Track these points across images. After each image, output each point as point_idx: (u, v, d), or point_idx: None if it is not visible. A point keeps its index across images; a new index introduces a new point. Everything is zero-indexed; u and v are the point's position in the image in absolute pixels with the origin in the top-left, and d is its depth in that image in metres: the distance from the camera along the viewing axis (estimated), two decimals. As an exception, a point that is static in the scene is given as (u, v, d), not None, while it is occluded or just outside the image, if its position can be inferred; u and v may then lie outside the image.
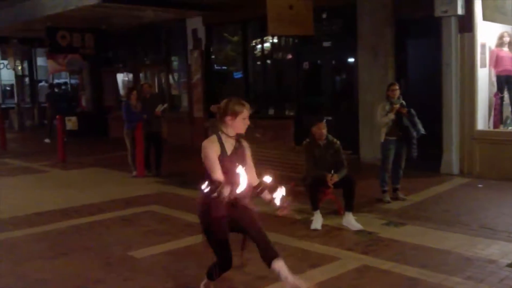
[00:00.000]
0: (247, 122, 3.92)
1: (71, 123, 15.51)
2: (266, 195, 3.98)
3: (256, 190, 3.96)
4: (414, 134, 7.51)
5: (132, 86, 14.41)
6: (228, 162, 3.85)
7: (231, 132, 3.93)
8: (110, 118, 17.86)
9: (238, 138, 3.97)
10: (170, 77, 16.35)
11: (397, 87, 7.70)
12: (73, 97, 20.28)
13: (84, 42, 15.59)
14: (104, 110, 18.46)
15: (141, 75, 17.54)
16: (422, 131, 7.55)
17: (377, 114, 7.70)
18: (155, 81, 16.77)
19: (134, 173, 10.36)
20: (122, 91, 18.17)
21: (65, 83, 21.19)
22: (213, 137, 3.94)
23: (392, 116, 7.48)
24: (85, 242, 6.29)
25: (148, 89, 10.80)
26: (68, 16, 13.61)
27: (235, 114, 3.87)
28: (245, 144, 4.05)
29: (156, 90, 16.21)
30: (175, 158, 12.23)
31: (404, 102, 7.62)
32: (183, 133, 14.93)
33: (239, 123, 3.91)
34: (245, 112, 3.91)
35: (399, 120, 7.51)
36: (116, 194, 8.83)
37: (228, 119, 3.88)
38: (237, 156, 3.94)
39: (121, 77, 18.61)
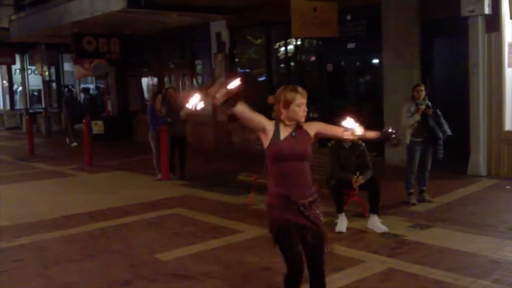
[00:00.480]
0: (304, 108, 3.70)
1: (97, 127, 15.76)
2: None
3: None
4: (440, 135, 7.41)
5: (157, 91, 14.57)
6: (280, 146, 3.65)
7: (288, 121, 3.72)
8: (135, 122, 18.06)
9: (296, 125, 3.74)
10: (194, 80, 16.45)
11: (422, 88, 7.62)
12: (96, 102, 20.55)
13: (110, 47, 15.81)
14: (130, 114, 18.66)
15: (165, 79, 17.69)
16: (449, 132, 7.45)
17: (402, 115, 7.63)
18: (179, 85, 16.89)
19: (159, 176, 10.44)
20: (147, 95, 18.36)
21: (86, 89, 21.48)
22: (272, 122, 3.77)
23: (417, 117, 7.40)
24: (111, 244, 6.37)
25: (173, 93, 10.88)
26: (94, 22, 13.82)
27: (288, 102, 3.69)
28: (307, 125, 3.78)
29: (181, 94, 16.32)
30: (199, 161, 12.30)
31: (429, 103, 7.53)
32: (207, 136, 15.01)
33: (294, 111, 3.68)
34: (299, 99, 3.67)
35: (424, 121, 7.43)
36: (142, 197, 8.91)
37: (282, 108, 3.72)
38: (295, 140, 3.68)
39: (146, 81, 18.81)
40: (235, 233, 6.61)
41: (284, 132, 3.71)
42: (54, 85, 23.80)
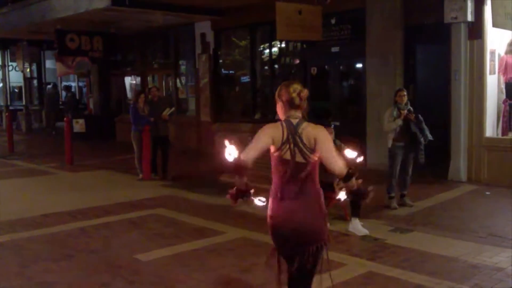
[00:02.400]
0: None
1: (78, 125, 15.58)
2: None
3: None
4: (422, 140, 7.48)
5: (140, 90, 14.47)
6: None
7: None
8: (117, 121, 17.92)
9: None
10: (178, 81, 16.38)
11: (405, 93, 7.68)
12: (77, 100, 20.39)
13: (93, 45, 15.64)
14: (112, 113, 18.52)
15: (149, 78, 17.59)
16: (430, 137, 7.52)
17: (384, 119, 7.68)
18: (162, 85, 16.82)
19: (141, 176, 10.38)
20: (129, 94, 18.24)
21: (68, 87, 21.26)
22: (277, 124, 3.49)
23: (399, 122, 7.46)
24: (91, 244, 6.30)
25: (156, 92, 10.82)
26: (77, 19, 13.68)
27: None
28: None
29: (164, 93, 16.25)
30: (181, 162, 12.24)
31: (411, 108, 7.60)
32: (190, 136, 14.95)
33: None
34: (294, 97, 3.50)
35: (406, 126, 7.49)
36: (123, 197, 8.83)
37: (279, 106, 3.54)
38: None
39: (128, 80, 18.68)
40: (217, 235, 6.59)
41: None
42: (35, 82, 23.50)
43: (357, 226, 6.45)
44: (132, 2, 11.98)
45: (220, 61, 14.86)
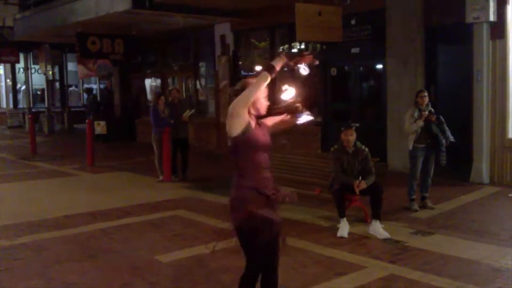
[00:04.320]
0: (261, 103, 3.61)
1: (100, 127, 15.76)
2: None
3: None
4: (443, 141, 7.40)
5: (160, 92, 14.58)
6: (255, 134, 3.54)
7: (254, 111, 3.62)
8: (138, 123, 18.07)
9: (257, 117, 3.63)
10: (198, 82, 16.46)
11: (426, 94, 7.62)
12: (99, 102, 20.59)
13: (114, 48, 15.85)
14: (133, 115, 18.68)
15: (169, 80, 17.70)
16: (451, 138, 7.44)
17: (405, 121, 7.62)
18: (182, 87, 16.90)
19: (161, 177, 10.44)
20: (150, 96, 18.37)
21: (89, 89, 21.48)
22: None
23: (420, 123, 7.40)
24: (112, 245, 6.36)
25: (176, 94, 10.88)
26: (98, 22, 13.85)
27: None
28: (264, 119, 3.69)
29: (184, 95, 16.33)
30: (201, 163, 12.29)
31: (433, 110, 7.53)
32: (210, 138, 15.01)
33: (261, 103, 3.66)
34: (265, 91, 3.65)
35: (428, 127, 7.42)
36: (143, 198, 8.90)
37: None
38: (262, 130, 3.63)
39: (149, 82, 18.82)
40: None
41: (252, 123, 3.58)
42: (57, 84, 23.84)
43: (377, 229, 6.40)
44: (152, 5, 12.09)
45: (240, 62, 14.89)
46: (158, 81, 18.12)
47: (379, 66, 11.60)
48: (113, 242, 6.51)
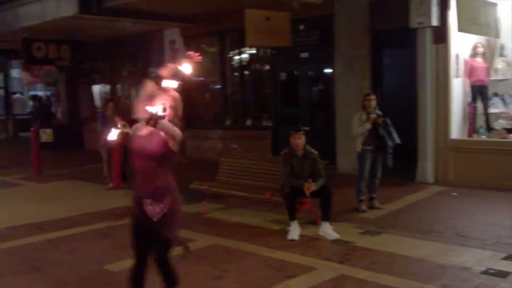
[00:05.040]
0: (148, 104, 3.67)
1: (46, 135, 15.32)
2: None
3: None
4: (390, 143, 7.58)
5: (109, 98, 14.34)
6: (134, 141, 3.82)
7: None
8: (85, 130, 17.69)
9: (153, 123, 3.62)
10: (148, 88, 16.25)
11: (373, 97, 7.78)
12: (45, 109, 20.10)
13: (60, 54, 15.47)
14: (80, 122, 18.28)
15: (118, 86, 17.43)
16: (398, 140, 7.63)
17: (353, 124, 7.76)
18: (132, 93, 16.67)
19: (110, 185, 10.25)
20: (98, 103, 18.03)
21: (35, 96, 20.89)
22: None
23: (368, 126, 7.55)
24: (59, 256, 6.19)
25: (124, 100, 10.72)
26: (44, 27, 13.49)
27: (151, 98, 3.76)
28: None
29: (133, 101, 16.09)
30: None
31: (380, 112, 7.70)
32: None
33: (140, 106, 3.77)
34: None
35: (375, 129, 7.58)
36: (92, 206, 8.71)
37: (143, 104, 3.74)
38: (150, 138, 3.76)
39: (97, 89, 18.48)
40: (188, 242, 6.53)
41: (143, 129, 3.74)
42: (1, 91, 23.07)
43: (327, 230, 6.49)
44: (100, 10, 11.85)
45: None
46: (107, 87, 17.82)
47: (328, 71, 11.78)
48: (60, 253, 6.34)
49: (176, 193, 3.96)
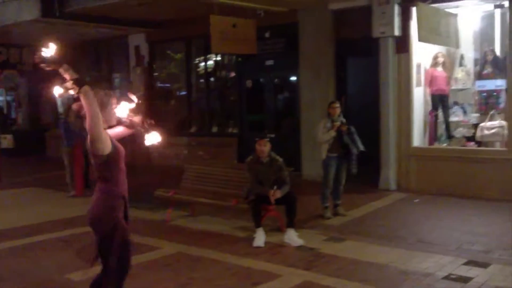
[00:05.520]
0: (110, 113, 3.89)
1: (6, 141, 14.96)
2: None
3: None
4: (354, 151, 7.68)
5: (71, 103, 14.07)
6: (120, 147, 3.87)
7: (105, 124, 3.83)
8: (47, 136, 17.34)
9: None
10: (112, 94, 16.06)
11: (337, 105, 7.87)
12: (5, 114, 19.62)
13: (22, 58, 15.17)
14: (42, 127, 17.90)
15: (81, 91, 17.13)
16: (362, 148, 7.74)
17: (318, 131, 7.84)
18: (96, 98, 16.43)
19: (72, 192, 10.07)
20: (61, 109, 17.68)
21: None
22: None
23: (333, 133, 7.64)
24: (20, 265, 6.05)
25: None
26: (5, 31, 13.19)
27: (105, 104, 3.90)
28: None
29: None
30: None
31: (344, 120, 7.80)
32: (126, 150, 14.67)
33: (110, 114, 3.95)
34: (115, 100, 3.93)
35: (339, 137, 7.67)
36: (54, 214, 8.55)
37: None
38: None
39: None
40: (153, 250, 6.49)
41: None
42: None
43: (292, 237, 6.53)
44: (62, 14, 11.66)
45: (155, 74, 14.73)
46: (71, 92, 17.48)
47: (293, 78, 11.89)
48: (21, 262, 6.19)
49: None
